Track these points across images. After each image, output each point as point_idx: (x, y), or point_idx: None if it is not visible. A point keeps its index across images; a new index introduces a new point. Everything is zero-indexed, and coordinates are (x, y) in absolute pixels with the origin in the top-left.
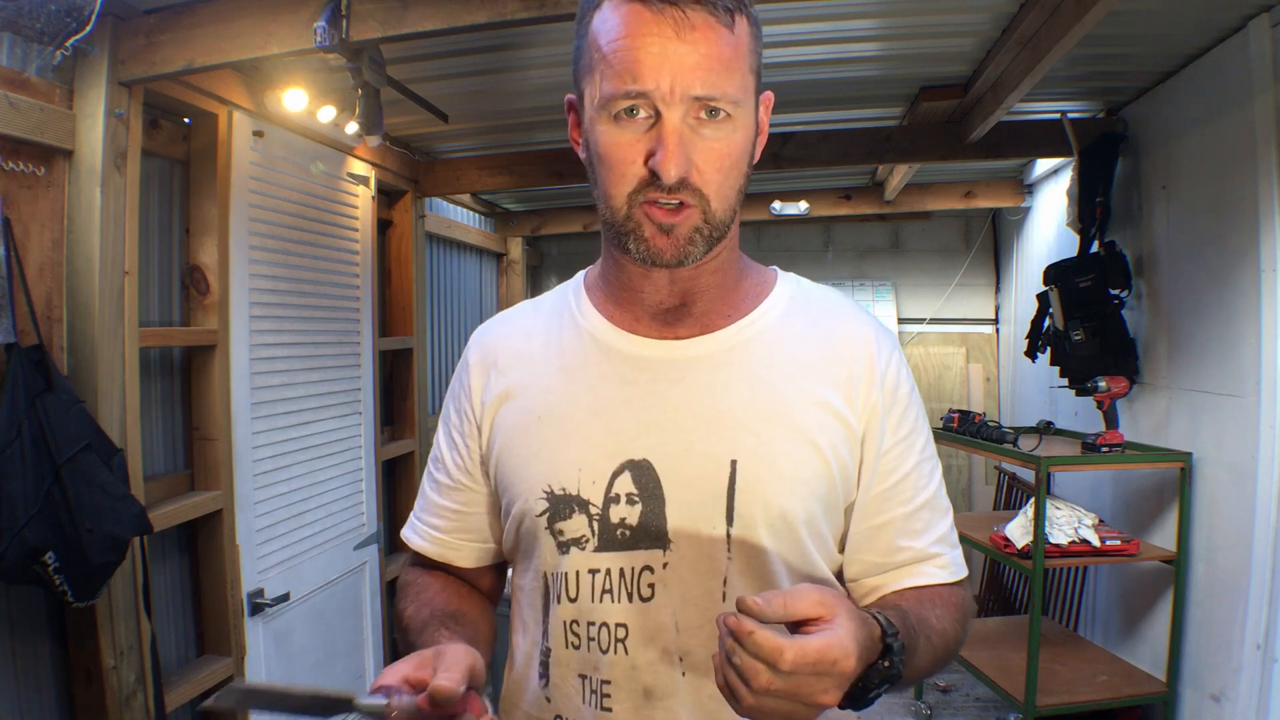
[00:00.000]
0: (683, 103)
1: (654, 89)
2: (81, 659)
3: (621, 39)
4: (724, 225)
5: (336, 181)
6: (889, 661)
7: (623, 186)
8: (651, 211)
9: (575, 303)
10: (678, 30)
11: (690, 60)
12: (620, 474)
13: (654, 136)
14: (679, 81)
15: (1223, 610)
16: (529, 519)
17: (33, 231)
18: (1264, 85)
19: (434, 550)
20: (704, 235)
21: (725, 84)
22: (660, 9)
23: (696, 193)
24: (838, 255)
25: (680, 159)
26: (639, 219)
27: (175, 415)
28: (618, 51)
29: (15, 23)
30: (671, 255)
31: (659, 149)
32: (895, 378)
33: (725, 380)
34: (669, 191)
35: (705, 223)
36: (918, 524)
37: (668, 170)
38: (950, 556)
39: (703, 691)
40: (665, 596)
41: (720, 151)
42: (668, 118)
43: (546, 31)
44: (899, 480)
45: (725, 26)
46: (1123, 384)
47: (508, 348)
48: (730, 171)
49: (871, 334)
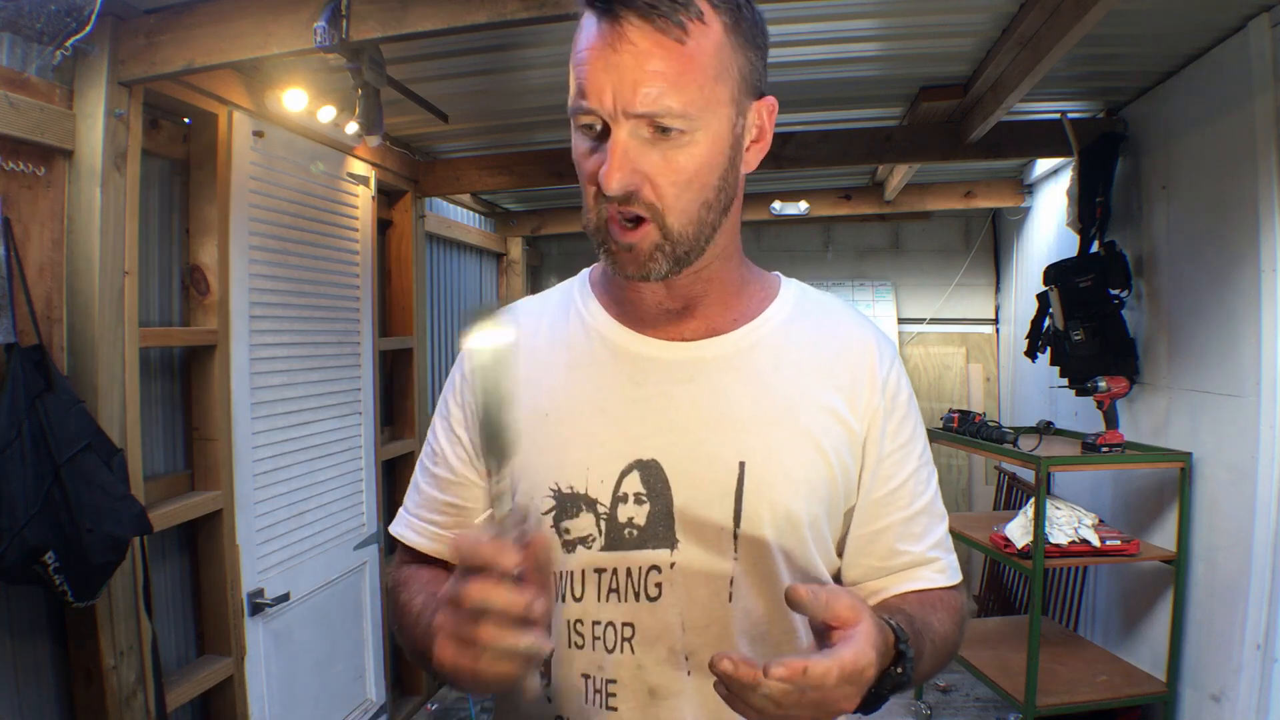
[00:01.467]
0: (628, 119)
1: (599, 106)
2: (81, 659)
3: (578, 53)
4: (690, 240)
5: (336, 181)
6: (901, 668)
7: (589, 197)
8: (613, 228)
9: (581, 300)
10: (615, 47)
11: (630, 77)
12: (628, 473)
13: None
14: (619, 98)
15: (1223, 610)
16: (533, 516)
17: (33, 231)
18: (1264, 85)
19: (433, 547)
20: (666, 253)
21: (669, 100)
22: (606, 26)
23: (651, 207)
24: (838, 255)
25: (621, 173)
26: (605, 233)
27: (175, 415)
28: (576, 67)
29: (15, 23)
30: (634, 270)
31: (602, 165)
32: (895, 384)
33: (733, 382)
34: (620, 205)
35: (665, 239)
36: (916, 528)
37: (607, 183)
38: (947, 561)
39: (708, 691)
40: (672, 596)
41: (676, 166)
42: (614, 133)
43: (546, 31)
44: (898, 485)
45: (674, 40)
46: (1123, 384)
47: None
48: (689, 186)
49: (873, 341)
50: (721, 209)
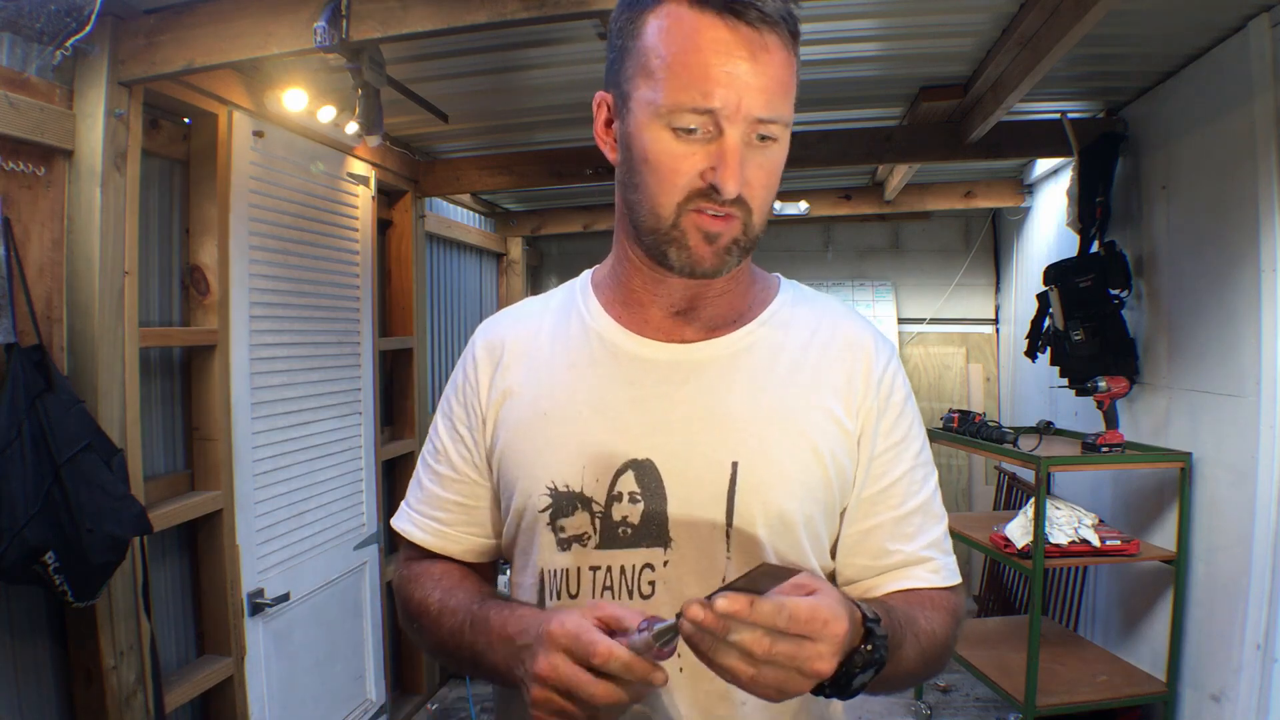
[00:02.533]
0: (745, 123)
1: (720, 107)
2: (81, 659)
3: (695, 53)
4: (758, 239)
5: (336, 181)
6: (871, 645)
7: (673, 195)
8: (701, 219)
9: (583, 301)
10: (752, 51)
11: (759, 82)
12: (624, 472)
13: (713, 152)
14: (746, 102)
15: (1223, 610)
16: (530, 514)
17: (33, 231)
18: (1264, 85)
19: (435, 543)
20: (740, 246)
21: (784, 107)
22: (737, 28)
23: (744, 206)
24: (838, 255)
25: (741, 176)
26: (685, 227)
27: (175, 415)
28: (690, 65)
29: (15, 23)
30: (711, 265)
31: (720, 166)
32: (890, 384)
33: (729, 384)
34: (721, 204)
35: (744, 234)
36: (909, 528)
37: (729, 187)
38: (942, 562)
39: (700, 688)
40: (665, 594)
41: (767, 169)
42: (730, 135)
43: (546, 31)
44: (890, 484)
45: (791, 50)
46: (1123, 384)
47: (515, 343)
48: (771, 190)
49: (870, 341)
50: None
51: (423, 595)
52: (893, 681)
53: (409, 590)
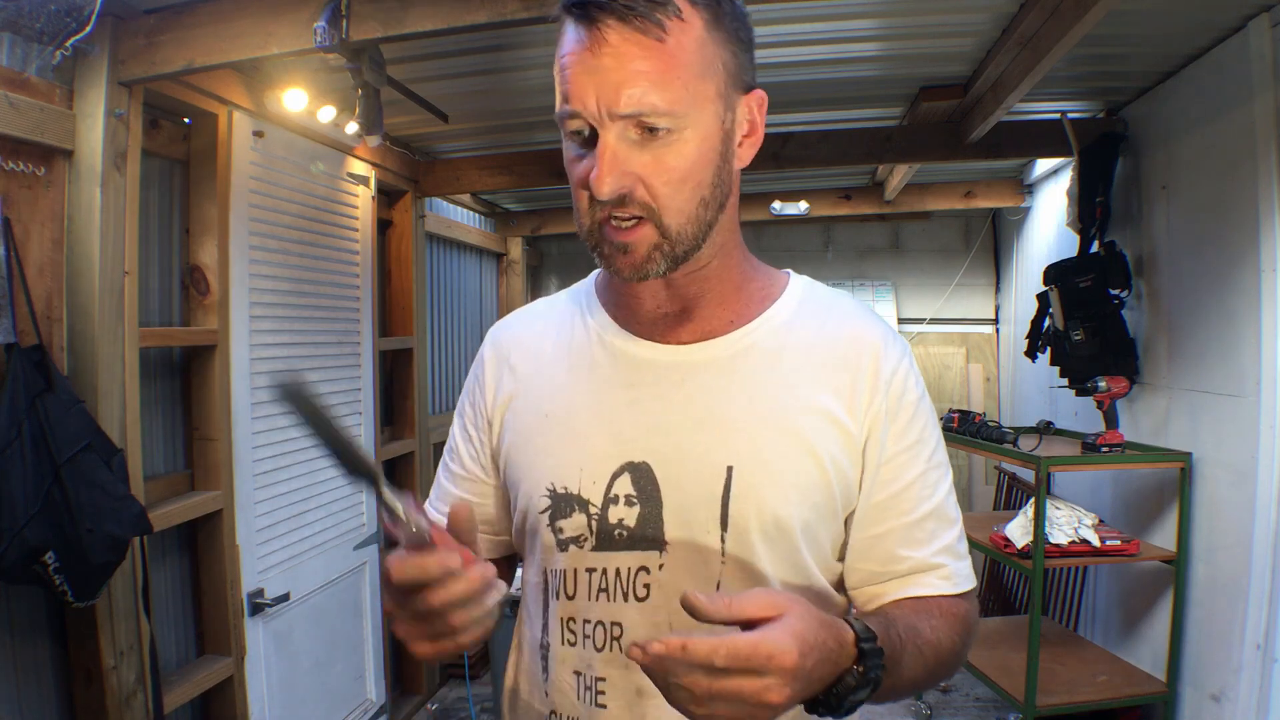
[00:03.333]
0: (614, 121)
1: (584, 109)
2: (81, 659)
3: (561, 59)
4: (688, 239)
5: (336, 181)
6: (863, 666)
7: (582, 203)
8: (608, 230)
9: (586, 304)
10: (594, 50)
11: (613, 78)
12: (620, 475)
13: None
14: (603, 100)
15: (1223, 610)
16: (532, 515)
17: (33, 231)
18: (1264, 85)
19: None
20: (664, 252)
21: (653, 98)
22: (582, 28)
23: (646, 208)
24: (838, 255)
25: (612, 176)
26: (598, 237)
27: (175, 415)
28: (560, 73)
29: (15, 23)
30: (630, 273)
31: (592, 169)
32: (902, 385)
33: (725, 386)
34: (615, 207)
35: (663, 238)
36: (920, 534)
37: (599, 188)
38: (954, 568)
39: None
40: (660, 597)
41: (666, 165)
42: (602, 136)
43: (546, 31)
44: (901, 489)
45: (654, 39)
46: (1123, 384)
47: (521, 346)
48: (683, 184)
49: (879, 340)
50: (718, 205)
51: None
52: (895, 693)
53: None
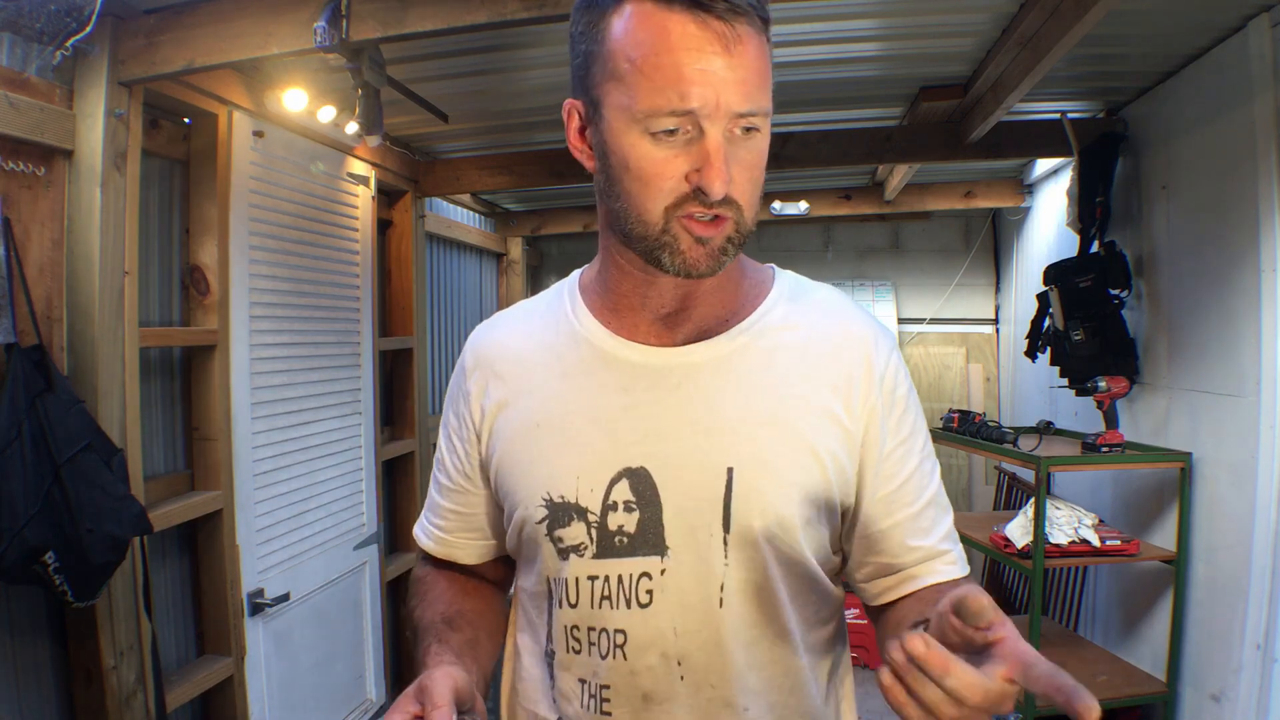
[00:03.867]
0: (726, 119)
1: (699, 106)
2: (81, 659)
3: (666, 53)
4: (751, 233)
5: (336, 181)
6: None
7: (659, 201)
8: (690, 225)
9: (571, 307)
10: (726, 47)
11: (736, 76)
12: (618, 482)
13: (696, 153)
14: (724, 98)
15: (1223, 610)
16: (529, 526)
17: (33, 231)
18: (1264, 85)
19: (439, 549)
20: (734, 244)
21: (763, 98)
22: (706, 22)
23: (733, 205)
24: (838, 255)
25: (726, 176)
26: (676, 232)
27: (175, 415)
28: (662, 66)
29: (15, 23)
30: (707, 266)
31: (705, 167)
32: (894, 379)
33: (722, 387)
34: (710, 206)
35: (737, 232)
36: (924, 522)
37: (715, 188)
38: (956, 552)
39: (702, 695)
40: (664, 602)
41: (751, 163)
42: (711, 134)
43: (546, 31)
44: (903, 482)
45: (764, 36)
46: (1123, 384)
47: (505, 353)
48: (759, 179)
49: (870, 335)
50: None
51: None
52: None
53: (409, 597)
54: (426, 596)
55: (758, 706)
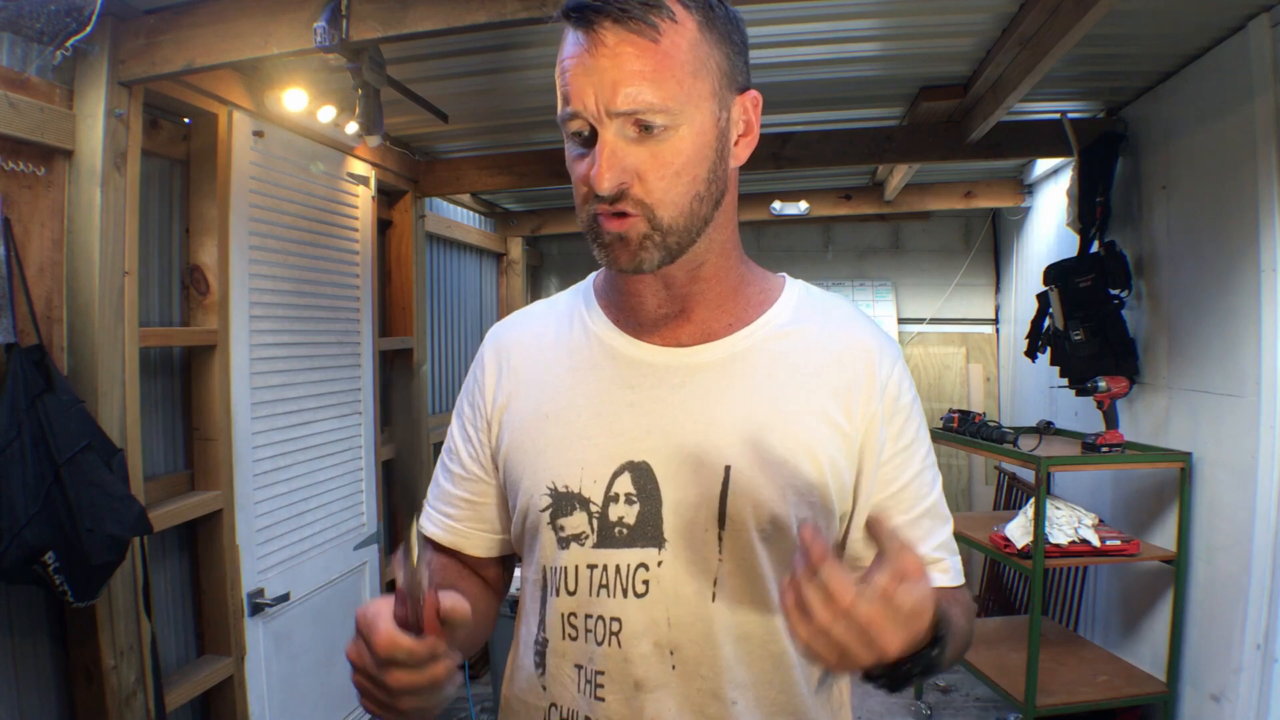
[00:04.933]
0: (612, 119)
1: (583, 109)
2: (81, 659)
3: (561, 63)
4: (681, 231)
5: (336, 181)
6: (937, 650)
7: (580, 202)
8: (604, 222)
9: (585, 306)
10: (592, 51)
11: (609, 78)
12: (620, 474)
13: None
14: (602, 98)
15: (1223, 610)
16: (533, 514)
17: (33, 231)
18: (1264, 85)
19: (446, 538)
20: (656, 242)
21: (649, 96)
22: (583, 35)
23: (639, 203)
24: (838, 255)
25: (611, 172)
26: (597, 230)
27: (175, 415)
28: (562, 74)
29: (15, 23)
30: (626, 261)
31: (592, 167)
32: (896, 388)
33: (725, 388)
34: (610, 203)
35: (654, 230)
36: (919, 531)
37: (599, 184)
38: (951, 563)
39: (691, 685)
40: (659, 593)
41: (662, 160)
42: (600, 134)
43: (546, 31)
44: (899, 489)
45: (648, 40)
46: (1123, 384)
47: (520, 347)
48: (677, 179)
49: (874, 345)
50: (713, 201)
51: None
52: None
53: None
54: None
55: (745, 700)
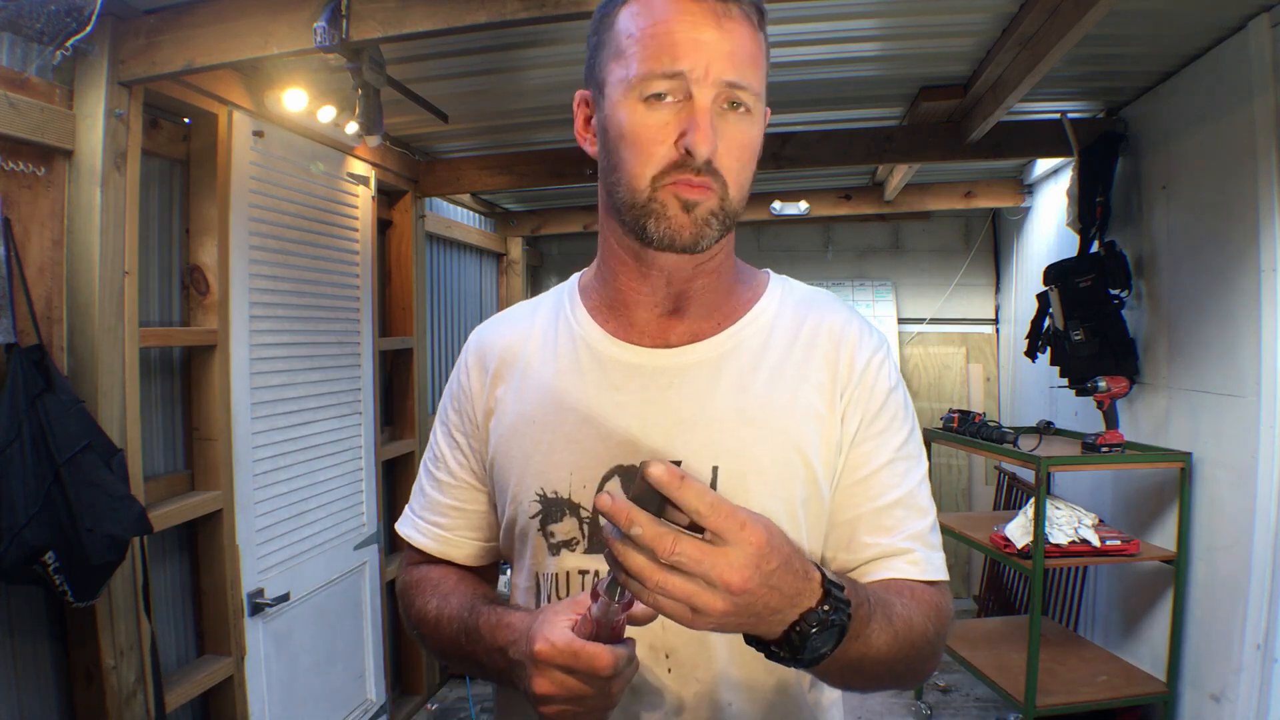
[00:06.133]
0: (714, 86)
1: (689, 69)
2: (81, 659)
3: (661, 22)
4: (736, 214)
5: (336, 181)
6: (829, 605)
7: (649, 168)
8: (678, 189)
9: (570, 307)
10: (717, 18)
11: (725, 47)
12: (610, 478)
13: (685, 117)
14: (714, 65)
15: (1223, 610)
16: (522, 520)
17: (33, 231)
18: (1264, 85)
19: (436, 547)
20: (718, 219)
21: (752, 75)
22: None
23: (717, 176)
24: (838, 255)
25: (712, 138)
26: (663, 199)
27: (175, 415)
28: (656, 35)
29: (15, 23)
30: (690, 234)
31: (691, 129)
32: (874, 375)
33: (711, 387)
34: (696, 172)
35: (722, 208)
36: (888, 520)
37: (700, 148)
38: (923, 555)
39: (687, 689)
40: None
41: (740, 141)
42: (699, 98)
43: (546, 31)
44: (868, 475)
45: (756, 27)
46: (1123, 384)
47: (506, 351)
48: (747, 163)
49: (854, 333)
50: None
51: (423, 603)
52: (865, 667)
53: (410, 597)
54: (441, 588)
55: (741, 702)
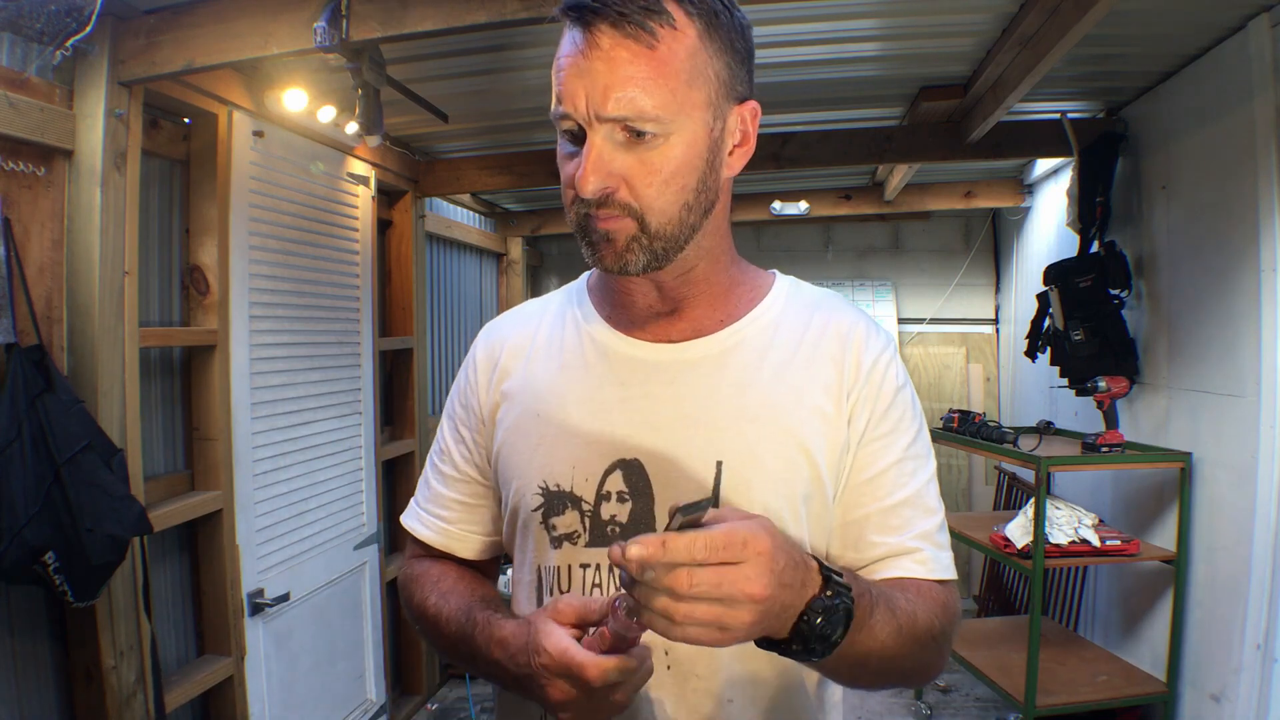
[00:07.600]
0: (602, 123)
1: (573, 111)
2: (81, 659)
3: (560, 58)
4: (668, 238)
5: (336, 181)
6: (831, 590)
7: (567, 201)
8: (591, 222)
9: (578, 304)
10: (587, 52)
11: (601, 81)
12: (612, 472)
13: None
14: (592, 103)
15: (1223, 610)
16: (525, 513)
17: (33, 231)
18: (1264, 85)
19: (440, 540)
20: (643, 245)
21: (641, 103)
22: (580, 34)
23: (627, 208)
24: (838, 255)
25: (595, 176)
26: (583, 228)
27: (175, 415)
28: (557, 72)
29: (15, 23)
30: (612, 261)
31: (576, 169)
32: (882, 374)
33: (715, 383)
34: (597, 208)
35: (643, 233)
36: (895, 520)
37: (583, 187)
38: (931, 553)
39: (687, 685)
40: None
41: (652, 166)
42: (589, 137)
43: (547, 32)
44: (875, 475)
45: (644, 46)
46: (1123, 384)
47: (513, 345)
48: (667, 185)
49: (861, 332)
50: (703, 211)
51: (422, 598)
52: (871, 660)
53: (411, 591)
54: (442, 585)
55: (742, 699)
